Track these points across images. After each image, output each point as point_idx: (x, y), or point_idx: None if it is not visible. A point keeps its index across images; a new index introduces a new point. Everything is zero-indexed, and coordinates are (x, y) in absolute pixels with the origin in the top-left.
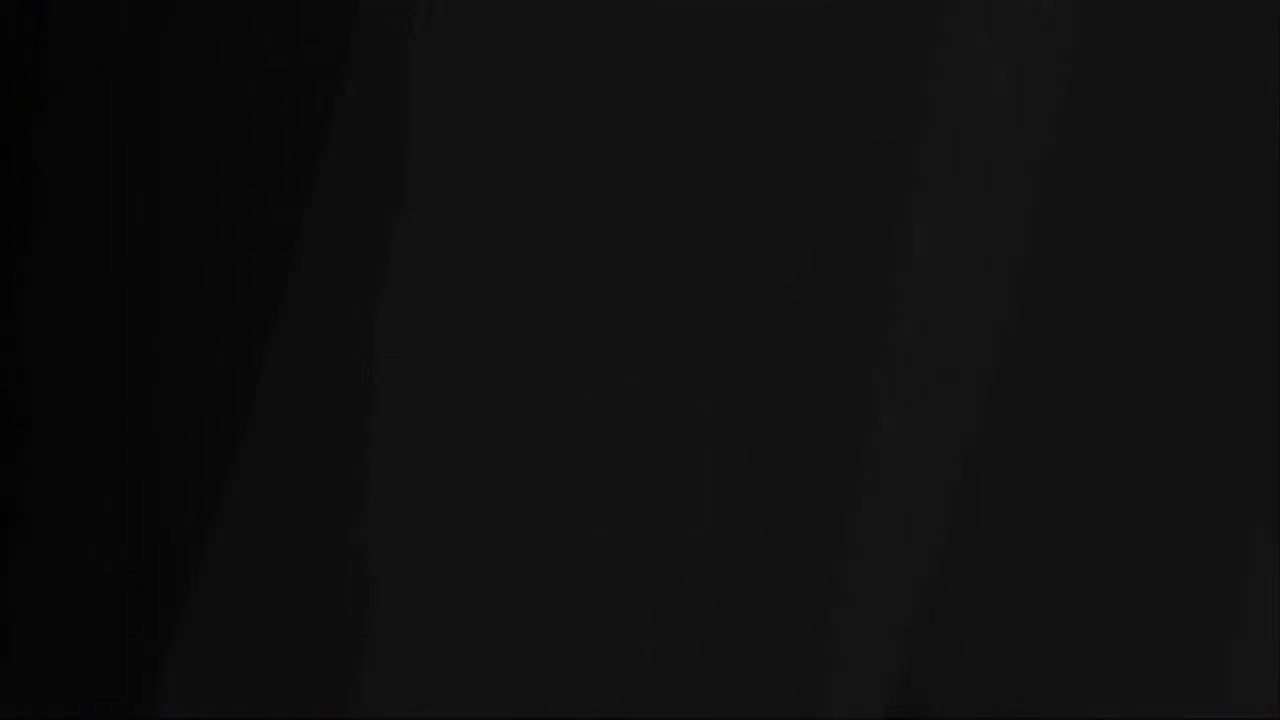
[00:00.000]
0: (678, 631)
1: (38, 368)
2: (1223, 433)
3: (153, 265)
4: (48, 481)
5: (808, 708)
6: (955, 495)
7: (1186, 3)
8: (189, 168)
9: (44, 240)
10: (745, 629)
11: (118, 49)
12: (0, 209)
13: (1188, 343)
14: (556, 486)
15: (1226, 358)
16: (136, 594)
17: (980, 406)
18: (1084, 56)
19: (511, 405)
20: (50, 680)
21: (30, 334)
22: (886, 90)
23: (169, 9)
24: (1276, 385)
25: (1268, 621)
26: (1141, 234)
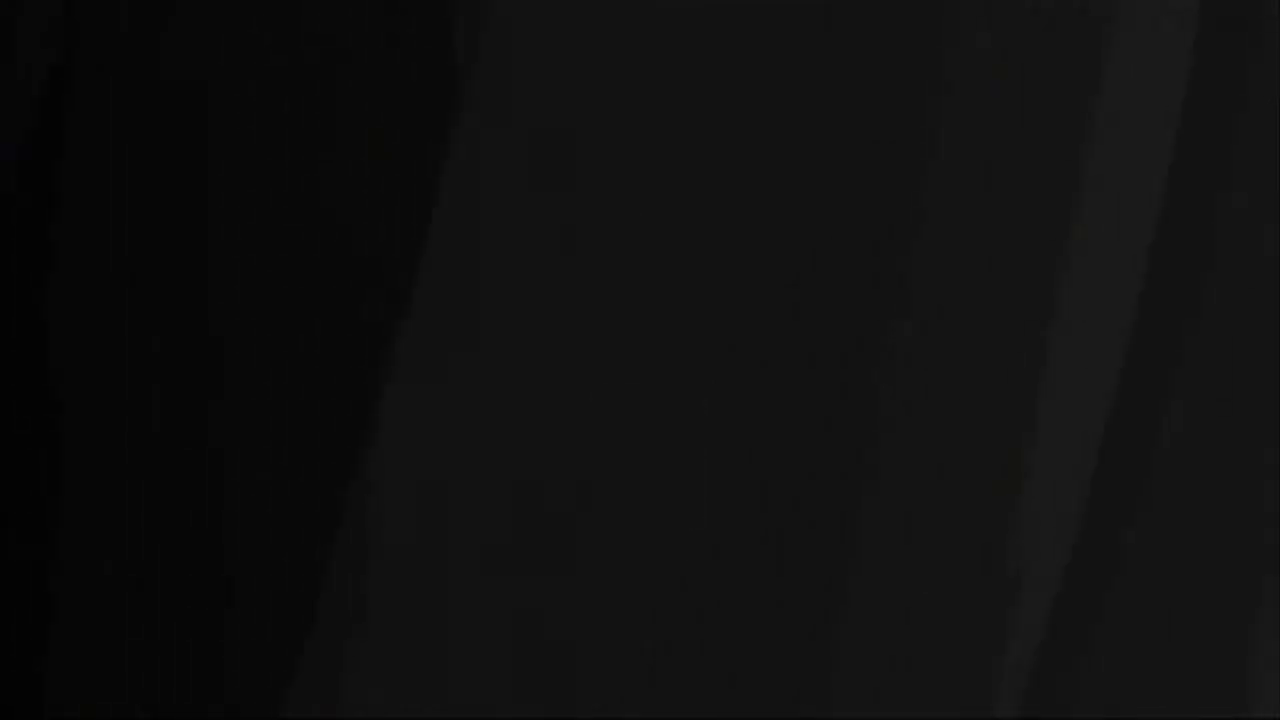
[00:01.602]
0: (678, 631)
1: (39, 367)
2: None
3: (154, 265)
4: (44, 482)
5: (808, 708)
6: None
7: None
8: (189, 168)
9: (45, 240)
10: (745, 629)
11: (117, 49)
12: (2, 210)
13: (1201, 341)
14: (556, 486)
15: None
16: (136, 595)
17: (986, 407)
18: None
19: (511, 405)
20: (58, 681)
21: (33, 335)
22: (887, 90)
23: (169, 9)
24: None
25: (1268, 623)
26: (1156, 230)
